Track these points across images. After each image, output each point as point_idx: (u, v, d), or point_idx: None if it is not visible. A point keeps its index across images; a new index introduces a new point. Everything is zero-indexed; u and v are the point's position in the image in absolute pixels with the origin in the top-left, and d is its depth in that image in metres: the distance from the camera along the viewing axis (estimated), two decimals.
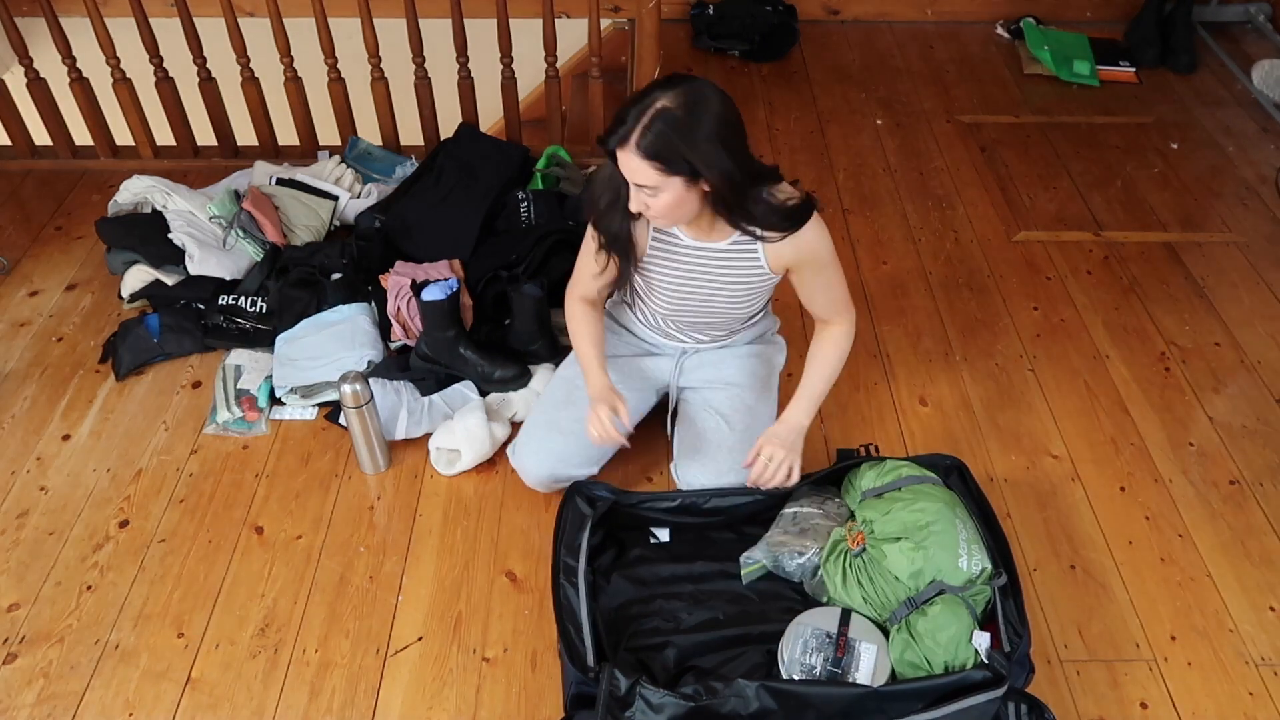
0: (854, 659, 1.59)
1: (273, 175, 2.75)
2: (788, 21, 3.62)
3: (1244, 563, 1.93)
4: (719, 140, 1.53)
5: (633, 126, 1.51)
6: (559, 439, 1.94)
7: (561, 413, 1.96)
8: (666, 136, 1.50)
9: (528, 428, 2.00)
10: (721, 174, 1.55)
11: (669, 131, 1.50)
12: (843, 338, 1.88)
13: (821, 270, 1.80)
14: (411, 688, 1.71)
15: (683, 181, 1.55)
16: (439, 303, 2.13)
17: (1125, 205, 2.89)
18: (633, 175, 1.55)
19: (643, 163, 1.53)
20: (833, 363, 1.88)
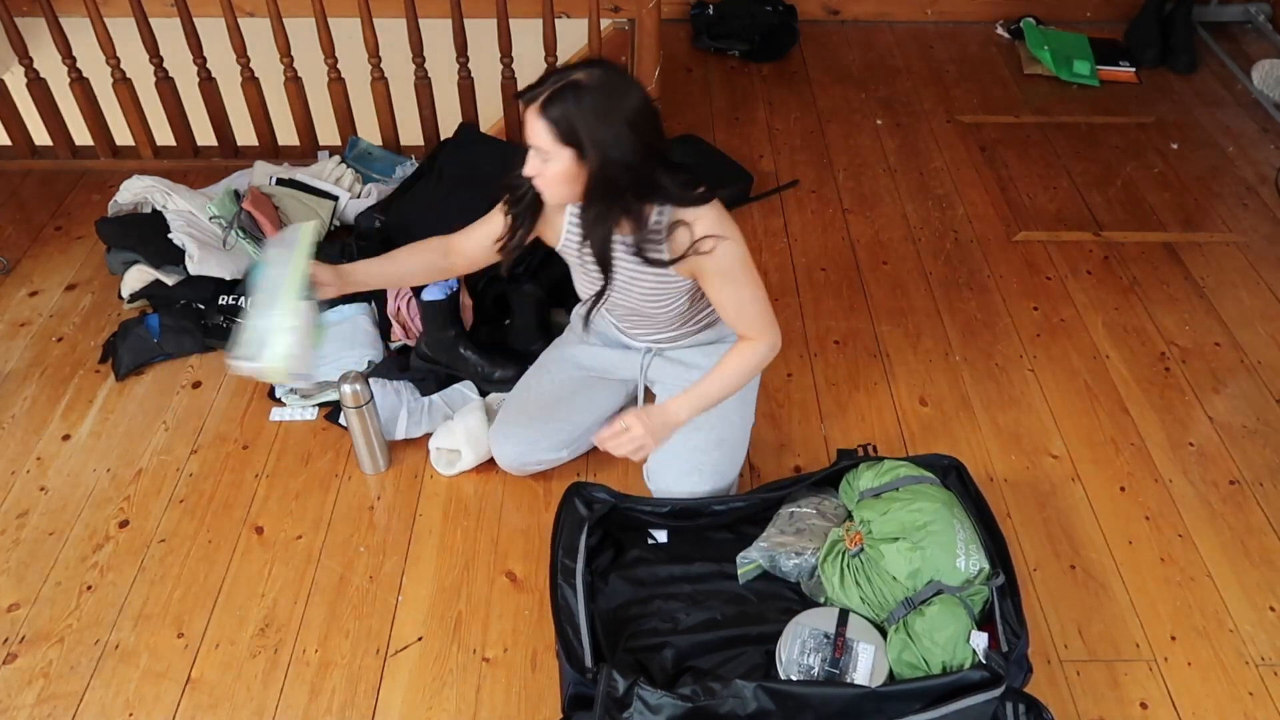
0: (852, 659, 1.59)
1: (273, 175, 2.75)
2: (788, 21, 3.62)
3: (1244, 563, 1.92)
4: (623, 130, 1.53)
5: (545, 89, 1.53)
6: (527, 422, 1.97)
7: (532, 396, 2.00)
8: (571, 106, 1.51)
9: (501, 412, 2.03)
10: (607, 161, 1.54)
11: (575, 103, 1.51)
12: (751, 353, 1.77)
13: (726, 284, 1.71)
14: (411, 688, 1.71)
15: (573, 156, 1.55)
16: (439, 302, 2.13)
17: (1125, 205, 2.89)
18: (531, 136, 1.56)
19: (542, 125, 1.53)
20: (730, 372, 1.78)
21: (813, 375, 2.32)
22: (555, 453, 2.00)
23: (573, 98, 1.51)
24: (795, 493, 1.88)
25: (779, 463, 2.11)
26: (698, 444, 1.89)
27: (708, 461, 1.88)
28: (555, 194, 1.64)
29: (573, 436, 2.00)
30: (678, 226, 1.65)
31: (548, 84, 1.53)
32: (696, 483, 1.87)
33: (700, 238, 1.64)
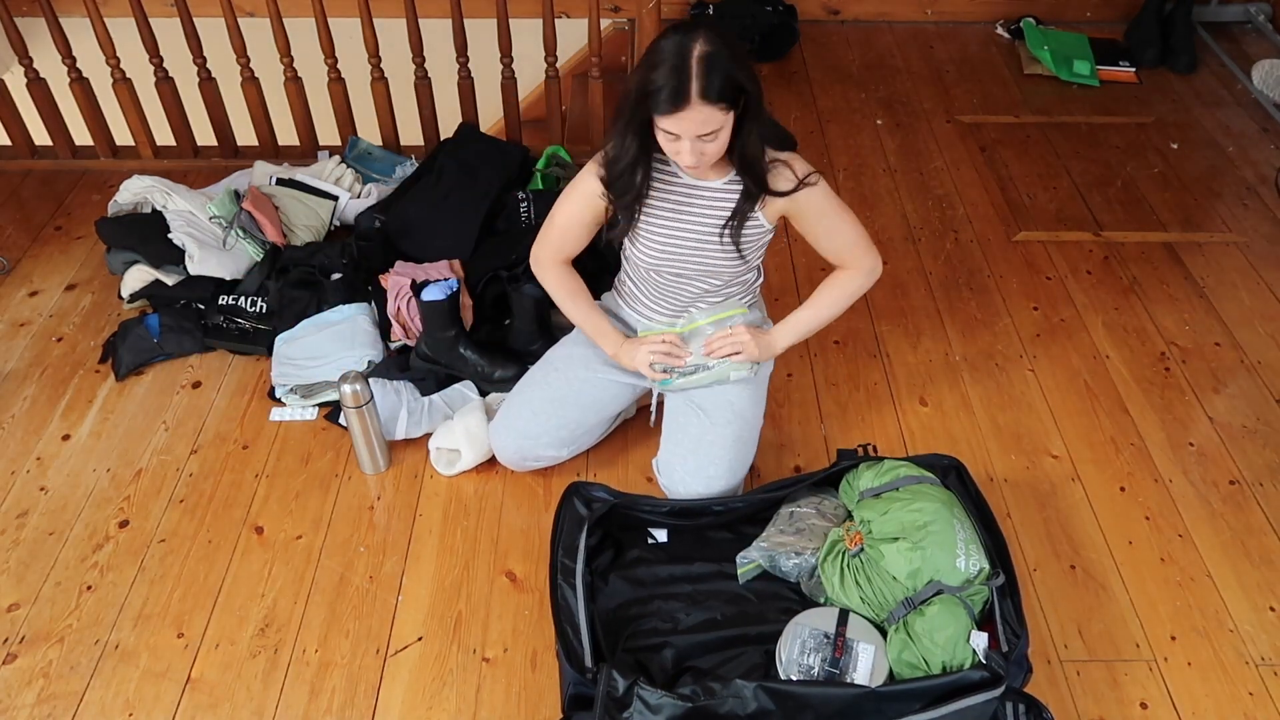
0: (852, 659, 1.59)
1: (273, 175, 2.75)
2: (788, 21, 3.62)
3: (1244, 563, 1.92)
4: (751, 71, 1.60)
5: (689, 79, 1.53)
6: (529, 418, 1.97)
7: (535, 392, 2.00)
8: (727, 74, 1.55)
9: (503, 406, 2.03)
10: (753, 103, 1.62)
11: (727, 69, 1.55)
12: (849, 280, 1.90)
13: (824, 216, 1.81)
14: (411, 688, 1.71)
15: (734, 115, 1.60)
16: (439, 303, 2.13)
17: (1125, 205, 2.89)
18: (701, 126, 1.58)
19: (713, 109, 1.56)
20: (830, 299, 1.91)
21: (813, 375, 2.32)
22: (556, 450, 2.00)
23: (720, 66, 1.54)
24: (795, 493, 1.88)
25: (779, 463, 2.11)
26: (715, 440, 1.89)
27: (724, 459, 1.88)
28: (715, 159, 1.67)
29: (574, 435, 2.00)
30: (778, 164, 1.75)
31: (680, 75, 1.53)
32: (710, 481, 1.87)
33: (807, 173, 1.75)
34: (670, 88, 1.54)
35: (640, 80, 1.58)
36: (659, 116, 1.58)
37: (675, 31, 1.58)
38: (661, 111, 1.57)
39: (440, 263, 2.39)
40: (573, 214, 1.88)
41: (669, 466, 1.92)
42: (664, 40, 1.57)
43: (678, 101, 1.55)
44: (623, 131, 1.69)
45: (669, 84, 1.54)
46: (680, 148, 1.62)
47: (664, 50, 1.56)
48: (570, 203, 1.87)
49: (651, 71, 1.56)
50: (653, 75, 1.56)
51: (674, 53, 1.55)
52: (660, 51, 1.56)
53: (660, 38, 1.59)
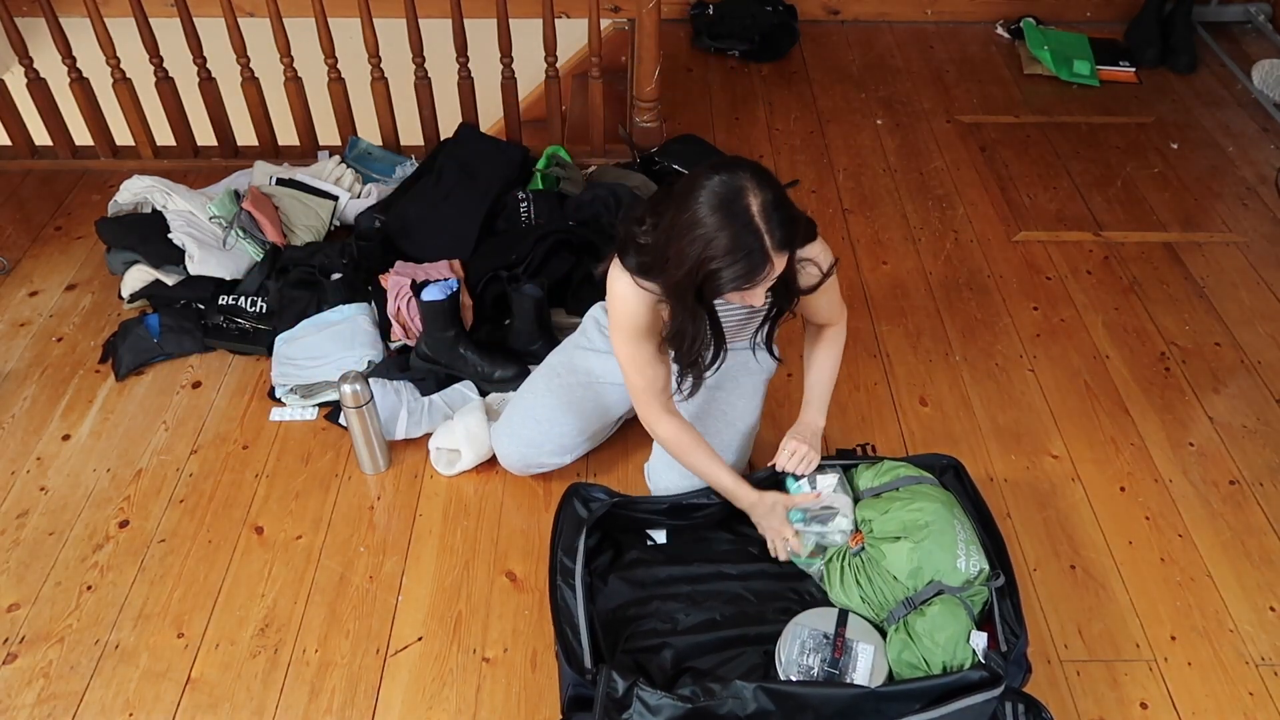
0: (851, 660, 1.59)
1: (273, 175, 2.75)
2: (788, 21, 3.62)
3: (1244, 563, 1.92)
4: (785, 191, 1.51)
5: (764, 239, 1.42)
6: (533, 425, 1.96)
7: (539, 400, 1.99)
8: (787, 220, 1.45)
9: (506, 413, 2.02)
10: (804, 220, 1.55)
11: (786, 215, 1.45)
12: (839, 336, 1.91)
13: (826, 292, 1.76)
14: (411, 688, 1.71)
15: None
16: (439, 303, 2.13)
17: (1125, 205, 2.89)
18: (774, 272, 1.47)
19: (784, 255, 1.47)
20: (834, 363, 1.90)
21: None
22: (560, 456, 1.99)
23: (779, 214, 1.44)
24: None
25: None
26: None
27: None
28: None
29: (578, 441, 2.00)
30: (806, 263, 1.64)
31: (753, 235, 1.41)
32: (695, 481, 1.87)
33: (829, 265, 1.66)
34: (747, 261, 1.42)
35: (700, 258, 1.42)
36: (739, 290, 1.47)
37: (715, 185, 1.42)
38: (743, 286, 1.45)
39: (440, 263, 2.39)
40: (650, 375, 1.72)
41: (658, 473, 1.93)
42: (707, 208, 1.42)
43: (758, 272, 1.43)
44: (691, 312, 1.56)
45: (744, 258, 1.41)
46: (754, 294, 1.51)
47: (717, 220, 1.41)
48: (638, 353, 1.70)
49: (710, 248, 1.41)
50: (713, 253, 1.41)
51: (731, 217, 1.40)
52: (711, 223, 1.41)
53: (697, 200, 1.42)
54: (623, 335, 1.69)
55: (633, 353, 1.70)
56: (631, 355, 1.71)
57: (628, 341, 1.69)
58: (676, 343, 1.63)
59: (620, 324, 1.68)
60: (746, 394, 1.98)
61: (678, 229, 1.45)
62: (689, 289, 1.49)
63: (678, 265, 1.47)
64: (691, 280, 1.46)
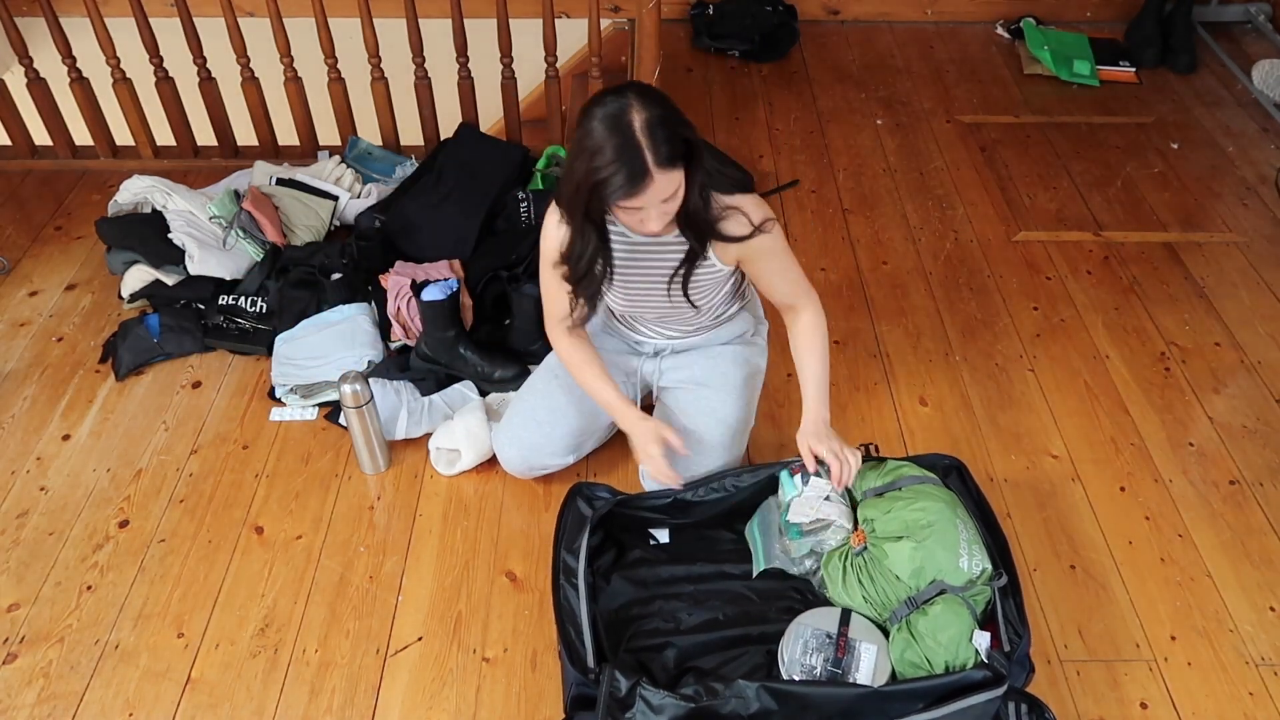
0: (854, 659, 1.59)
1: (273, 175, 2.75)
2: (788, 21, 3.62)
3: (1244, 563, 1.93)
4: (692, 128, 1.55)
5: (642, 152, 1.47)
6: (534, 428, 1.96)
7: (539, 401, 1.98)
8: (673, 134, 1.50)
9: (507, 416, 2.02)
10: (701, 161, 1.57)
11: (672, 130, 1.50)
12: (817, 323, 1.86)
13: (774, 259, 1.77)
14: (411, 688, 1.71)
15: (685, 177, 1.55)
16: (439, 303, 2.13)
17: (1125, 205, 2.89)
18: (662, 192, 1.52)
19: (672, 172, 1.51)
20: (822, 351, 1.86)
21: None
22: (562, 457, 1.99)
23: (663, 130, 1.48)
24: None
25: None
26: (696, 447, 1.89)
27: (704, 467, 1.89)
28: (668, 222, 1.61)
29: (579, 442, 1.99)
30: (732, 212, 1.69)
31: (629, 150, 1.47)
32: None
33: (762, 220, 1.70)
34: (627, 170, 1.47)
35: (588, 171, 1.50)
36: (621, 200, 1.51)
37: (602, 105, 1.50)
38: (623, 196, 1.50)
39: (440, 263, 2.39)
40: (553, 292, 1.84)
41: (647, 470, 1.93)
42: (596, 123, 1.49)
43: (638, 180, 1.48)
44: (580, 228, 1.65)
45: (624, 166, 1.47)
46: (645, 216, 1.56)
47: (602, 132, 1.48)
48: (549, 279, 1.82)
49: (596, 159, 1.48)
50: (598, 164, 1.48)
51: (614, 130, 1.47)
52: (598, 135, 1.48)
53: (588, 120, 1.51)
54: (542, 264, 1.82)
55: (545, 280, 1.84)
56: (545, 282, 1.84)
57: (543, 270, 1.82)
58: (568, 259, 1.71)
59: (541, 253, 1.81)
60: (733, 389, 1.96)
61: (572, 152, 1.56)
62: (580, 204, 1.58)
63: (570, 181, 1.58)
64: (581, 194, 1.55)
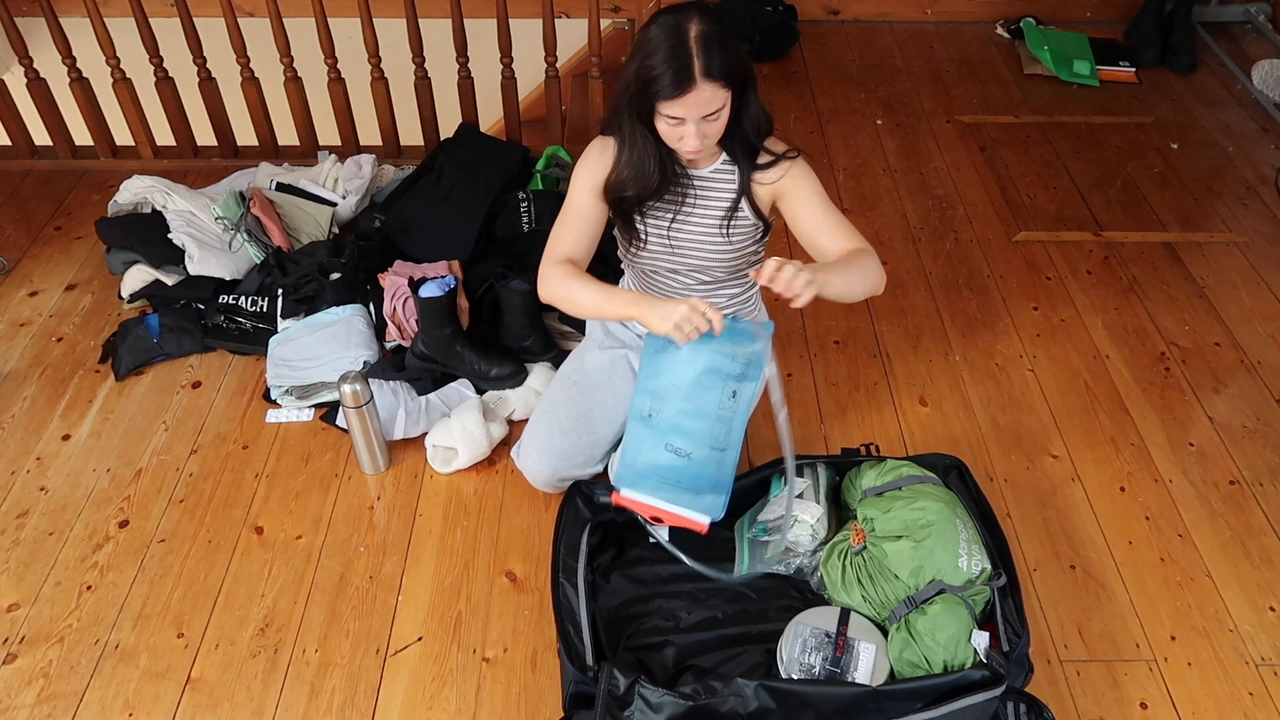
0: (853, 658, 1.59)
1: (273, 179, 2.75)
2: (788, 21, 3.62)
3: (1244, 563, 1.92)
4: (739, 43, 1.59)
5: (692, 58, 1.52)
6: (560, 438, 1.94)
7: (562, 411, 1.96)
8: (727, 51, 1.54)
9: (530, 428, 2.00)
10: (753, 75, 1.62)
11: (725, 46, 1.54)
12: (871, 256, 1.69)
13: (812, 194, 1.72)
14: (411, 688, 1.71)
15: (731, 96, 1.59)
16: (436, 299, 2.13)
17: (1125, 205, 2.89)
18: (705, 106, 1.56)
19: (717, 87, 1.55)
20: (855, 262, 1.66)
21: (813, 375, 2.32)
22: (590, 467, 1.96)
23: (717, 44, 1.53)
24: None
25: None
26: None
27: None
28: (715, 141, 1.65)
29: (604, 450, 1.97)
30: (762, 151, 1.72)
31: (681, 56, 1.51)
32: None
33: (787, 149, 1.73)
34: (674, 70, 1.52)
35: (639, 69, 1.55)
36: (663, 102, 1.55)
37: (666, 14, 1.55)
38: (666, 96, 1.54)
39: (439, 263, 2.39)
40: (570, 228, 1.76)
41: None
42: (655, 26, 1.55)
43: (683, 83, 1.52)
44: (631, 128, 1.66)
45: (672, 67, 1.52)
46: (685, 131, 1.59)
47: (658, 35, 1.54)
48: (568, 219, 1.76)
49: (649, 58, 1.54)
50: (651, 62, 1.53)
51: (670, 35, 1.53)
52: (654, 38, 1.54)
53: (650, 25, 1.57)
54: (571, 192, 1.78)
55: (565, 214, 1.78)
56: (563, 217, 1.79)
57: (572, 189, 1.78)
58: (627, 170, 1.70)
59: (573, 183, 1.78)
60: None
61: (630, 55, 1.59)
62: (631, 103, 1.61)
63: (623, 81, 1.61)
64: (631, 92, 1.59)
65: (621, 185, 1.72)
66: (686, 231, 1.80)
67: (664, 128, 1.61)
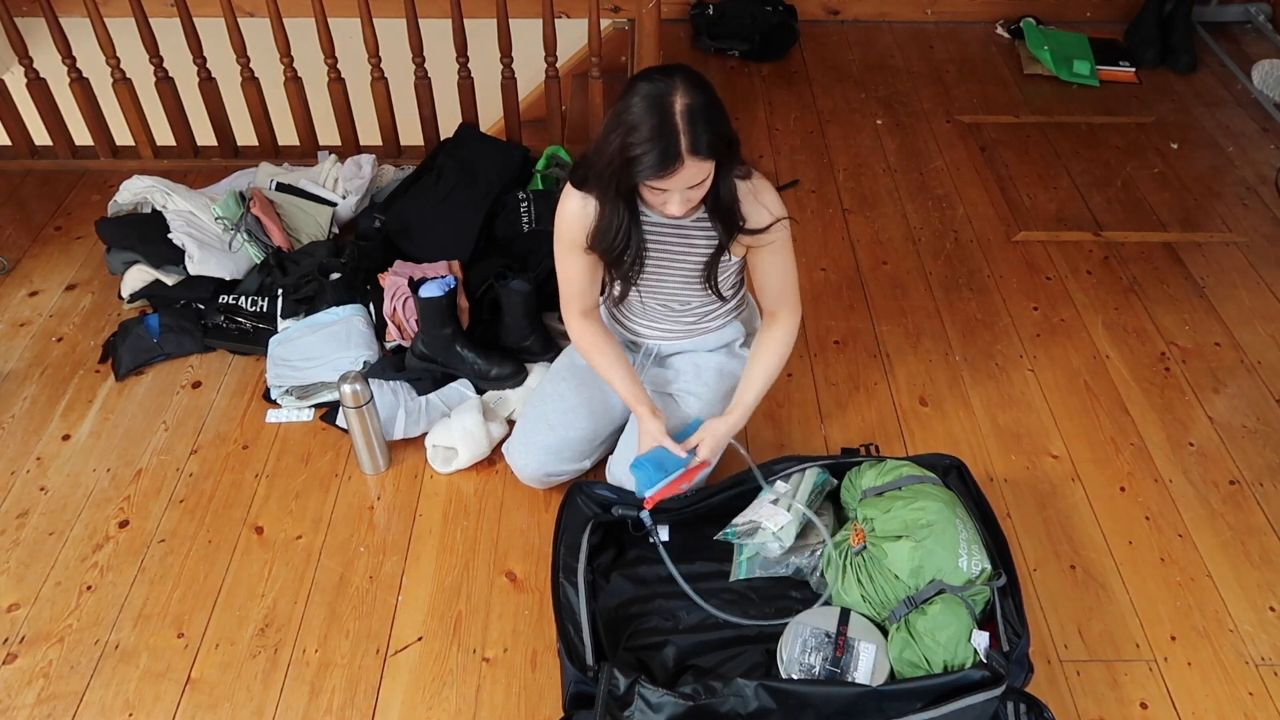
0: (853, 658, 1.59)
1: (273, 179, 2.75)
2: (788, 21, 3.62)
3: (1244, 563, 1.92)
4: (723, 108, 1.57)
5: (678, 137, 1.48)
6: (549, 434, 1.95)
7: (550, 407, 1.97)
8: (713, 125, 1.52)
9: (520, 425, 2.01)
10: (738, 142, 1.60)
11: (712, 121, 1.52)
12: (787, 337, 1.88)
13: (779, 253, 1.80)
14: (411, 688, 1.71)
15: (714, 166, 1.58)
16: (436, 299, 2.13)
17: (1125, 205, 2.89)
18: (693, 179, 1.54)
19: (705, 163, 1.53)
20: (774, 368, 1.88)
21: (813, 375, 2.32)
22: (578, 463, 1.97)
23: (704, 119, 1.50)
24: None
25: None
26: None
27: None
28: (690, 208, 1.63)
29: (593, 446, 1.98)
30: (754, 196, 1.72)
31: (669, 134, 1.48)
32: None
33: (781, 216, 1.74)
34: (660, 150, 1.48)
35: (621, 145, 1.51)
36: (649, 179, 1.53)
37: (648, 83, 1.51)
38: (651, 175, 1.51)
39: (439, 263, 2.39)
40: (572, 274, 1.83)
41: (615, 465, 1.93)
42: (638, 98, 1.50)
43: (670, 162, 1.49)
44: (612, 202, 1.65)
45: (658, 146, 1.48)
46: (669, 199, 1.58)
47: (641, 109, 1.49)
48: (567, 262, 1.82)
49: (631, 135, 1.49)
50: (633, 139, 1.49)
51: (655, 110, 1.48)
52: (638, 112, 1.49)
53: (631, 93, 1.52)
54: (558, 246, 1.82)
55: (563, 260, 1.83)
56: (562, 264, 1.83)
57: (560, 250, 1.82)
58: (600, 237, 1.72)
59: (558, 236, 1.80)
60: (714, 401, 1.95)
61: (609, 124, 1.56)
62: (612, 178, 1.58)
63: (602, 154, 1.58)
64: (613, 168, 1.56)
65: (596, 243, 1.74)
66: (664, 274, 1.83)
67: (647, 193, 1.60)
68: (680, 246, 1.80)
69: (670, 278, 1.84)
